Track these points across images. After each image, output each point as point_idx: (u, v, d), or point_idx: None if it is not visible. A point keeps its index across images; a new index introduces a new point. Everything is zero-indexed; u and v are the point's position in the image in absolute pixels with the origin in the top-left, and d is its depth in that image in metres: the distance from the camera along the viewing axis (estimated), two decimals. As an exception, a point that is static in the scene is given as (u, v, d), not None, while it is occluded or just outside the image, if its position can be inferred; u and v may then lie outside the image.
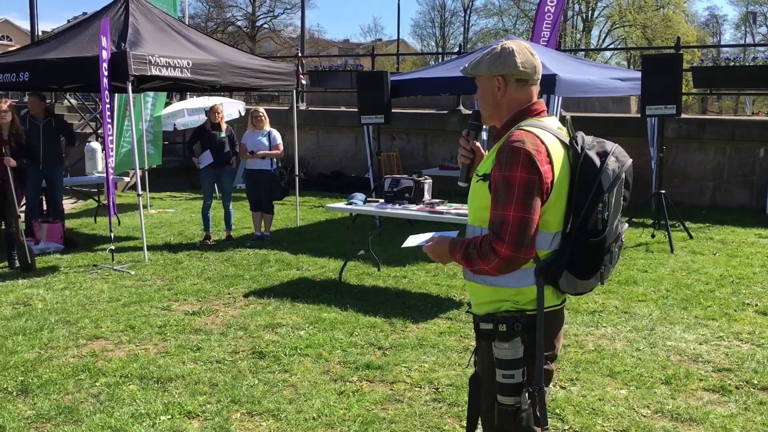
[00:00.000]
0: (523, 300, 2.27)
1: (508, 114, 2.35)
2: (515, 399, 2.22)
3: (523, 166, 2.15)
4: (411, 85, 9.51)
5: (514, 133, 2.25)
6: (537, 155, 2.17)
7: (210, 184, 8.86)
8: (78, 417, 3.88)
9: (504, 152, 2.20)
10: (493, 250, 2.17)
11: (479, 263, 2.22)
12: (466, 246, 2.27)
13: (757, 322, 5.52)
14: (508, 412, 2.23)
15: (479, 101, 2.42)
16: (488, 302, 2.32)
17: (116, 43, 7.73)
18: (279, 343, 5.06)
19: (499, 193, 2.18)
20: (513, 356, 2.21)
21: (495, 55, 2.32)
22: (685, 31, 34.73)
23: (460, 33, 45.83)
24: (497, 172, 2.20)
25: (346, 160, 14.58)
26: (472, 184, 2.36)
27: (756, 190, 11.03)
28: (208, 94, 12.49)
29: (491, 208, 2.21)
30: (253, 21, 44.14)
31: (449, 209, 6.59)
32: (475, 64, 2.37)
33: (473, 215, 2.36)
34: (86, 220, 10.62)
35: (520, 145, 2.17)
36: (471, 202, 2.37)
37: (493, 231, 2.18)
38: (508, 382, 2.22)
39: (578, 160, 2.23)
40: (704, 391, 4.22)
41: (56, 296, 6.32)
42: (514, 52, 2.31)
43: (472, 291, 2.40)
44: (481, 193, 2.29)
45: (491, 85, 2.34)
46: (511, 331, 2.20)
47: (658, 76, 8.12)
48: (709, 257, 7.80)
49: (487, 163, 2.31)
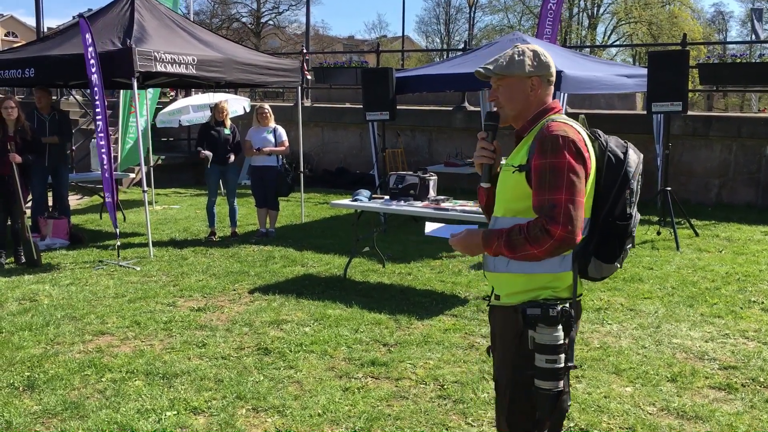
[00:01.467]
0: (560, 286, 2.36)
1: (533, 113, 2.43)
2: (555, 383, 2.28)
3: (570, 153, 2.26)
4: (416, 82, 9.49)
5: (550, 125, 2.33)
6: (580, 143, 2.30)
7: (215, 181, 8.87)
8: (84, 412, 3.90)
9: (548, 141, 2.28)
10: (547, 231, 2.22)
11: (527, 248, 2.26)
12: (507, 234, 2.30)
13: (763, 320, 5.50)
14: (550, 396, 2.28)
15: (505, 101, 2.44)
16: (523, 291, 2.37)
17: (121, 39, 7.74)
18: (284, 339, 5.07)
19: (546, 179, 2.25)
20: (557, 341, 2.27)
21: (531, 57, 2.40)
22: (690, 27, 34.60)
23: (465, 30, 45.73)
24: (541, 160, 2.27)
25: (351, 157, 14.57)
26: (504, 177, 2.42)
27: (762, 188, 10.99)
28: (213, 91, 12.48)
29: (536, 195, 2.27)
30: (257, 17, 44.11)
31: (454, 206, 6.59)
32: (507, 65, 2.40)
33: (506, 207, 2.41)
34: (92, 216, 10.64)
35: (563, 134, 2.28)
36: (502, 195, 2.43)
37: (545, 214, 2.24)
38: (551, 367, 2.27)
39: (604, 151, 2.38)
40: (710, 389, 4.21)
41: (62, 292, 6.34)
42: (545, 54, 2.43)
43: (503, 282, 2.43)
44: (516, 184, 2.35)
45: (524, 85, 2.41)
46: (559, 316, 2.27)
47: (664, 73, 8.08)
48: (715, 255, 7.78)
49: (520, 156, 2.38)
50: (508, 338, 2.40)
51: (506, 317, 2.41)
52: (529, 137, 2.39)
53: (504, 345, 2.43)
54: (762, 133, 10.96)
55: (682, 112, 8.30)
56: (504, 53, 2.45)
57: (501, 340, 2.45)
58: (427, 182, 6.94)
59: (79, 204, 11.89)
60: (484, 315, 5.61)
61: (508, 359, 2.40)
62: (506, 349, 2.42)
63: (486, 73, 2.44)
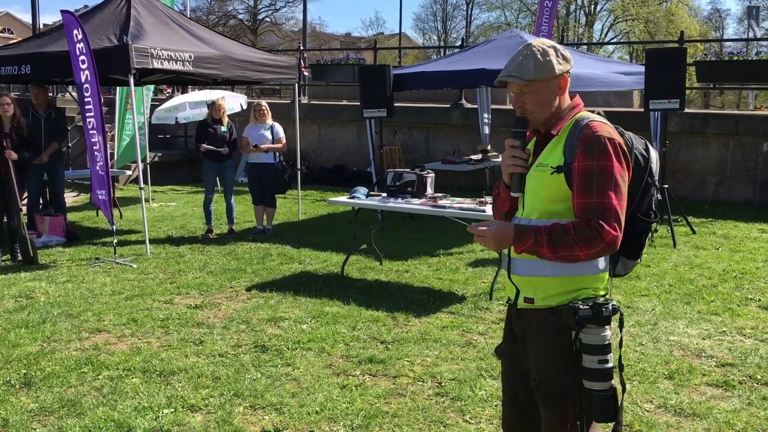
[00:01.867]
0: (600, 286, 2.35)
1: (560, 112, 2.38)
2: (608, 383, 2.24)
3: (617, 155, 2.25)
4: (413, 79, 9.49)
5: (592, 125, 2.29)
6: (623, 145, 2.30)
7: (212, 178, 8.85)
8: (81, 410, 3.89)
9: (593, 142, 2.25)
10: (599, 235, 2.20)
11: (574, 250, 2.22)
12: (549, 232, 2.24)
13: (760, 317, 5.51)
14: (606, 396, 2.23)
15: (535, 106, 2.35)
16: (563, 293, 2.32)
17: (118, 35, 7.71)
18: (281, 336, 5.06)
19: (594, 182, 2.23)
20: (605, 341, 2.24)
21: (556, 55, 2.33)
22: (687, 25, 34.65)
23: (462, 27, 45.71)
24: (587, 162, 2.24)
25: (348, 154, 14.56)
26: (538, 177, 2.34)
27: (759, 185, 11.00)
28: (210, 88, 12.45)
29: (581, 197, 2.24)
30: (254, 14, 44.02)
31: (452, 203, 6.58)
32: (535, 69, 2.31)
33: (541, 208, 2.34)
34: (88, 213, 10.62)
35: (608, 135, 2.27)
36: (536, 196, 2.35)
37: (597, 216, 2.21)
38: (603, 367, 2.23)
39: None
40: (707, 386, 4.22)
41: (59, 289, 6.32)
42: (560, 45, 2.38)
43: (540, 285, 2.35)
44: (554, 186, 2.30)
45: (553, 86, 2.34)
46: (611, 314, 2.24)
47: (661, 71, 8.09)
48: (712, 252, 7.79)
49: (556, 156, 2.32)
50: (548, 340, 2.33)
51: (544, 320, 2.34)
52: (562, 135, 2.33)
53: (545, 347, 2.34)
54: (759, 130, 10.98)
55: (679, 110, 8.31)
56: (523, 56, 2.34)
57: (539, 343, 2.36)
58: (425, 179, 6.93)
59: (76, 201, 11.86)
60: (481, 312, 5.61)
61: (553, 360, 2.32)
62: (549, 351, 2.33)
63: (512, 80, 2.34)
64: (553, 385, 2.31)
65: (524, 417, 2.50)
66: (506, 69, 2.37)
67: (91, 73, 7.28)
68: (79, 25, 7.24)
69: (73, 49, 7.30)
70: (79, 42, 7.24)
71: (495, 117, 12.48)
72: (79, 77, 7.33)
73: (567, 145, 2.30)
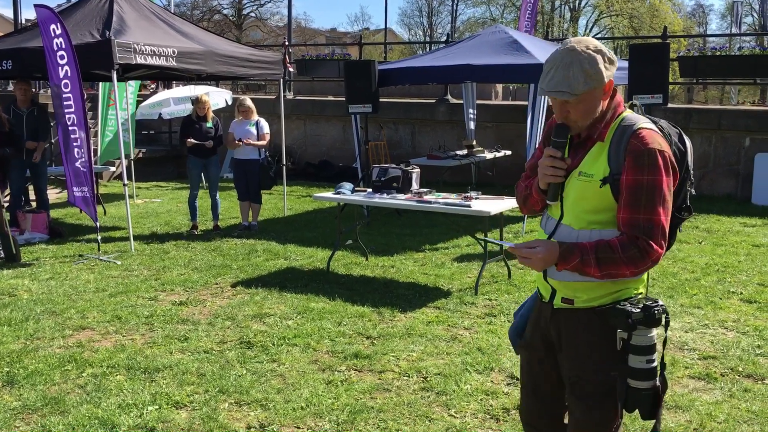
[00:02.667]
0: (640, 284, 2.34)
1: (609, 116, 2.28)
2: (652, 382, 2.24)
3: (666, 170, 2.20)
4: (399, 75, 9.49)
5: (642, 134, 2.20)
6: (671, 156, 2.23)
7: (197, 174, 8.80)
8: (65, 408, 3.86)
9: (644, 156, 2.17)
10: (647, 253, 2.18)
11: (621, 268, 2.19)
12: (595, 251, 2.19)
13: (742, 310, 5.57)
14: (649, 395, 2.24)
15: (581, 116, 2.24)
16: (606, 294, 2.30)
17: (100, 31, 7.64)
18: (267, 332, 5.05)
19: (644, 197, 2.17)
20: (652, 341, 2.23)
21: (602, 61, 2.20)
22: (671, 20, 34.82)
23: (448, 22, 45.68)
24: (637, 176, 2.17)
25: (334, 150, 14.54)
26: (581, 187, 2.27)
27: (741, 179, 11.11)
28: (194, 83, 12.39)
29: (628, 211, 2.19)
30: (239, 9, 43.75)
31: (437, 198, 6.59)
32: (586, 80, 2.18)
33: (586, 219, 2.28)
34: (71, 210, 10.51)
35: (659, 147, 2.19)
36: (579, 206, 2.28)
37: (645, 234, 2.17)
38: (650, 367, 2.23)
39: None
40: (690, 379, 4.26)
41: (42, 287, 6.27)
42: (601, 44, 2.26)
43: (581, 288, 2.31)
44: (599, 197, 2.24)
45: (597, 94, 2.23)
46: (662, 315, 2.22)
47: (645, 66, 8.13)
48: (695, 246, 7.86)
49: (601, 165, 2.24)
50: (593, 341, 2.31)
51: (587, 320, 2.32)
52: (606, 142, 2.24)
53: (590, 348, 2.32)
54: (741, 125, 11.08)
55: (662, 105, 8.36)
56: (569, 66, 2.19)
57: (582, 343, 2.34)
58: (410, 175, 6.93)
59: (59, 198, 11.76)
60: (467, 307, 5.63)
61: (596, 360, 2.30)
62: (593, 351, 2.31)
63: (562, 97, 2.20)
64: (601, 386, 2.30)
65: (546, 409, 2.51)
66: (552, 81, 2.21)
67: (72, 69, 7.20)
68: (57, 20, 7.15)
69: (49, 45, 7.20)
70: (57, 37, 7.15)
71: (480, 112, 12.52)
72: (57, 73, 7.24)
73: (612, 154, 2.21)
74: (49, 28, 7.16)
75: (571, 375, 2.36)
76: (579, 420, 2.36)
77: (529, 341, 2.55)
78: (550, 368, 2.46)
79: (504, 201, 6.45)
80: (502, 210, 6.36)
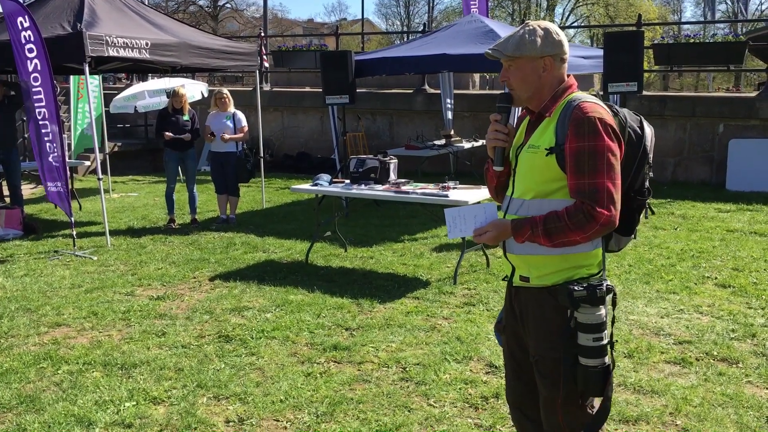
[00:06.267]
0: (593, 263, 2.38)
1: (549, 92, 2.39)
2: (601, 360, 2.31)
3: (608, 135, 2.27)
4: (375, 65, 9.45)
5: (583, 105, 2.30)
6: (614, 125, 2.31)
7: (174, 167, 8.72)
8: (40, 405, 3.82)
9: (584, 123, 2.26)
10: (592, 216, 2.24)
11: (570, 235, 2.27)
12: (544, 222, 2.29)
13: (716, 295, 5.64)
14: (598, 372, 2.31)
15: (517, 83, 2.40)
16: (557, 271, 2.36)
17: (72, 23, 7.52)
18: (245, 326, 5.03)
19: (586, 163, 2.25)
20: (601, 320, 2.29)
21: (543, 36, 2.35)
22: (647, 8, 35.05)
23: (425, 12, 45.63)
24: (578, 143, 2.26)
25: (312, 141, 14.47)
26: (530, 158, 2.37)
27: (716, 166, 11.24)
28: (170, 76, 12.26)
29: (574, 178, 2.27)
30: (215, 0, 43.31)
31: (415, 189, 6.59)
32: (516, 46, 2.35)
33: (535, 189, 2.36)
34: (46, 205, 10.38)
35: (598, 116, 2.27)
36: (529, 177, 2.38)
37: (589, 198, 2.25)
38: (597, 345, 2.30)
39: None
40: (666, 364, 4.31)
41: (16, 284, 6.18)
42: (558, 32, 2.39)
43: (534, 263, 2.40)
44: (546, 167, 2.32)
45: (535, 65, 2.36)
46: (605, 294, 2.29)
47: (619, 54, 8.18)
48: (670, 232, 7.94)
49: (547, 137, 2.34)
50: (545, 319, 2.39)
51: (540, 299, 2.39)
52: (554, 117, 2.35)
53: (542, 326, 2.40)
54: (716, 112, 11.19)
55: (637, 93, 8.42)
56: (514, 33, 2.40)
57: (537, 321, 2.42)
58: (388, 165, 6.93)
59: (33, 193, 11.60)
60: (446, 297, 5.65)
61: (551, 338, 2.38)
62: (547, 330, 2.39)
63: (496, 54, 2.39)
64: (552, 363, 2.38)
65: (529, 390, 2.55)
66: (495, 43, 2.44)
67: (42, 62, 7.08)
68: (24, 12, 7.02)
69: (17, 38, 7.07)
70: (25, 30, 7.02)
71: (458, 102, 12.52)
72: (26, 67, 7.11)
73: (558, 127, 2.32)
74: (16, 21, 7.02)
75: (534, 354, 2.45)
76: (546, 398, 2.44)
77: (505, 324, 2.62)
78: (527, 349, 2.51)
79: (482, 190, 6.47)
80: (480, 199, 6.37)
